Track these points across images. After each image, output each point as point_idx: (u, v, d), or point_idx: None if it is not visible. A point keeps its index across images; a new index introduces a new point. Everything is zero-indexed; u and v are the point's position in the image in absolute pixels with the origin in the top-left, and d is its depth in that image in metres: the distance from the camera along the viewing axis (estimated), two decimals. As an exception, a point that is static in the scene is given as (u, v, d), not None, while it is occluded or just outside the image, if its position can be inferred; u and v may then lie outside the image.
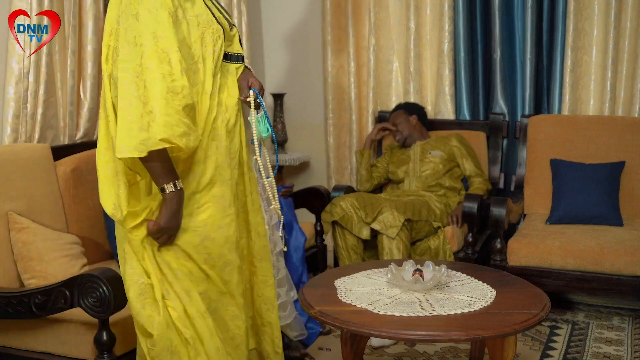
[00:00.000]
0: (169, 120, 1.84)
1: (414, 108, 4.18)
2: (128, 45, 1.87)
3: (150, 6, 1.88)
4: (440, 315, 2.22)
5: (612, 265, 3.31)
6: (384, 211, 3.54)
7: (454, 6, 4.28)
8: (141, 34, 1.86)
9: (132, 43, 1.87)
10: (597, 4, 3.98)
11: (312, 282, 2.70)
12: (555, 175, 3.86)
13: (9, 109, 2.97)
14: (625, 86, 3.99)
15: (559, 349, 3.21)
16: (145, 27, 1.87)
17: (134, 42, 1.87)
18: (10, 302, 2.33)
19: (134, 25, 1.87)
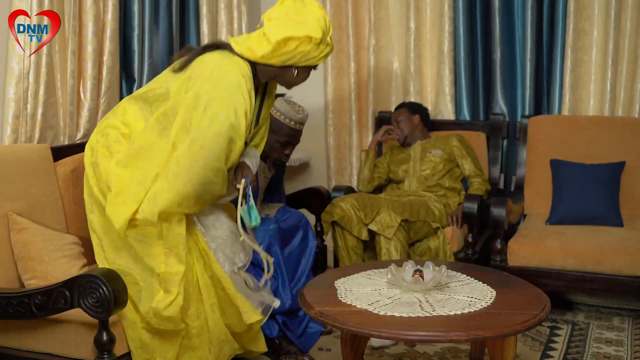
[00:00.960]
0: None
1: (418, 108, 4.18)
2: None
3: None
4: (440, 315, 2.22)
5: (612, 266, 3.31)
6: (382, 212, 3.54)
7: (454, 6, 4.28)
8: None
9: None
10: (597, 4, 3.98)
11: (313, 282, 2.70)
12: (556, 176, 3.86)
13: (9, 109, 2.97)
14: (625, 86, 3.99)
15: (559, 350, 3.21)
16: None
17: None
18: (10, 302, 2.33)
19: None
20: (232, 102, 2.32)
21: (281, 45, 2.37)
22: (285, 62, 2.44)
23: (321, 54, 2.46)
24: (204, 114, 2.30)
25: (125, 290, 2.26)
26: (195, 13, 4.16)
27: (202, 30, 4.15)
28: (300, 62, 2.46)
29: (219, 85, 2.32)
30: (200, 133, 2.31)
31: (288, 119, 3.15)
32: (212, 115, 2.30)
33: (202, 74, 2.36)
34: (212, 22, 4.19)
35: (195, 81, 2.36)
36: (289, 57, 2.42)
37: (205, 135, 2.30)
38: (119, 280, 2.24)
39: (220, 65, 2.37)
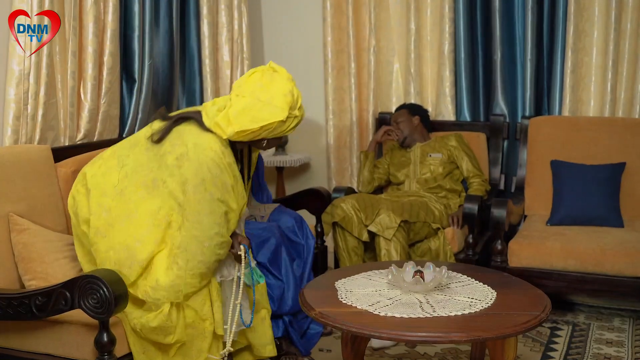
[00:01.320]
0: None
1: (418, 109, 4.18)
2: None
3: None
4: (440, 316, 2.22)
5: (612, 267, 3.31)
6: (381, 213, 3.54)
7: (454, 8, 4.28)
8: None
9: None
10: (597, 5, 3.98)
11: (313, 283, 2.70)
12: (556, 177, 3.86)
13: (9, 110, 2.97)
14: (625, 87, 3.99)
15: (559, 351, 3.21)
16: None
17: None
18: (11, 303, 2.33)
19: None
20: (218, 180, 2.39)
21: (244, 134, 2.44)
22: (254, 139, 2.52)
23: (289, 127, 2.52)
24: (194, 197, 2.39)
25: (126, 292, 2.26)
26: (196, 14, 4.17)
27: (202, 31, 4.15)
28: (268, 137, 2.53)
29: (202, 167, 2.39)
30: (196, 218, 2.39)
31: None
32: (201, 199, 2.38)
33: (183, 155, 2.42)
34: (212, 23, 4.19)
35: (179, 162, 2.42)
36: (255, 135, 2.48)
37: (200, 219, 2.38)
38: (120, 281, 2.24)
39: (198, 144, 2.43)
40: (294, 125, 2.54)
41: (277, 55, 4.93)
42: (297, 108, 2.51)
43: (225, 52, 4.32)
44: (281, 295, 3.09)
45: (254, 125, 2.42)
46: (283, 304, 3.09)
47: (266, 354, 2.77)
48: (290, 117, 2.48)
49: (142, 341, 2.42)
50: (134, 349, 2.42)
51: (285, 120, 2.45)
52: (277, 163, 4.66)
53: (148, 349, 2.43)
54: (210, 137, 2.45)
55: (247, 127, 2.42)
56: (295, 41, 4.86)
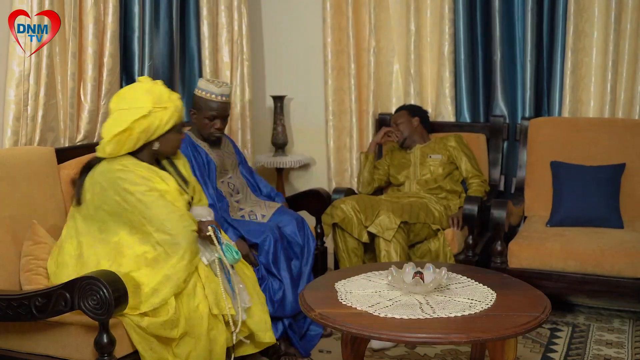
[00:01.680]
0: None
1: (418, 110, 4.18)
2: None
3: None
4: (440, 317, 2.22)
5: (612, 268, 3.31)
6: (381, 214, 3.54)
7: (454, 8, 4.28)
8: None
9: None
10: (597, 5, 3.98)
11: (313, 284, 2.70)
12: (556, 178, 3.86)
13: (9, 111, 2.97)
14: (625, 88, 3.99)
15: (559, 352, 3.21)
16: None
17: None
18: (11, 304, 2.32)
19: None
20: (133, 177, 2.50)
21: (117, 140, 2.50)
22: (138, 145, 2.57)
23: (170, 119, 2.57)
24: (130, 206, 2.48)
25: (126, 293, 2.26)
26: (196, 15, 4.17)
27: (202, 31, 4.15)
28: (153, 137, 2.58)
29: (116, 182, 2.50)
30: (147, 217, 2.48)
31: (209, 94, 3.30)
32: (135, 201, 2.48)
33: (100, 187, 2.52)
34: (212, 24, 4.19)
35: (102, 197, 2.52)
36: (137, 140, 2.55)
37: (150, 214, 2.48)
38: (120, 282, 2.24)
39: (103, 171, 2.54)
40: (172, 117, 2.59)
41: (277, 56, 4.94)
42: (165, 100, 2.56)
43: (225, 53, 4.32)
44: (282, 298, 3.09)
45: (120, 128, 2.49)
46: (283, 307, 3.09)
47: (266, 339, 2.82)
48: (158, 109, 2.53)
49: (147, 338, 2.42)
50: (140, 347, 2.41)
51: (149, 114, 2.51)
52: (277, 164, 4.66)
53: (154, 345, 2.44)
54: (109, 161, 2.55)
55: (115, 131, 2.49)
56: (295, 42, 4.87)
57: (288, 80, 4.89)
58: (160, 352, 2.44)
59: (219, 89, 3.29)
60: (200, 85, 3.33)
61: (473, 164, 3.99)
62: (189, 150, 3.30)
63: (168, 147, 2.68)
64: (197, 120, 3.36)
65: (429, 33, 4.43)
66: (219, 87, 3.30)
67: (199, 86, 3.34)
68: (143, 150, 2.63)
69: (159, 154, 2.71)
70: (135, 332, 2.41)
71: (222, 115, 3.35)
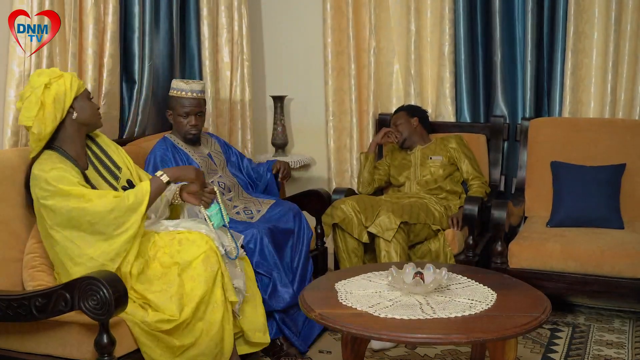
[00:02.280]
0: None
1: (417, 111, 4.18)
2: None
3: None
4: (441, 318, 2.22)
5: (612, 268, 3.31)
6: (381, 214, 3.54)
7: (454, 9, 4.28)
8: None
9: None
10: (597, 6, 3.98)
11: (313, 284, 2.70)
12: (556, 178, 3.86)
13: (9, 112, 2.97)
14: (625, 88, 3.99)
15: (559, 352, 3.21)
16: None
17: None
18: (11, 304, 2.32)
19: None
20: (51, 179, 2.49)
21: (37, 121, 2.54)
22: (58, 117, 2.59)
23: (72, 83, 2.61)
24: (51, 212, 2.49)
25: (126, 293, 2.26)
26: (196, 15, 4.17)
27: (202, 32, 4.15)
28: (66, 104, 2.60)
29: (35, 185, 2.53)
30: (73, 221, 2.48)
31: (180, 91, 3.38)
32: (55, 206, 2.48)
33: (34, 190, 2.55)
34: (212, 24, 4.19)
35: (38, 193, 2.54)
36: (54, 112, 2.57)
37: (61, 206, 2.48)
38: (120, 282, 2.24)
39: (32, 179, 2.56)
40: (73, 82, 2.62)
41: (277, 56, 4.94)
42: (57, 72, 2.62)
43: (225, 54, 4.32)
44: (272, 292, 3.09)
45: (34, 109, 2.53)
46: (274, 301, 3.09)
47: (255, 339, 2.86)
48: (54, 79, 2.57)
49: (152, 334, 2.43)
50: (146, 343, 2.43)
51: (49, 83, 2.55)
52: (277, 164, 4.66)
53: (159, 337, 2.46)
54: (36, 163, 2.57)
55: (32, 114, 2.53)
56: (295, 42, 4.87)
57: (288, 81, 4.89)
58: (166, 342, 2.46)
59: (188, 85, 3.37)
60: (172, 85, 3.43)
61: (474, 166, 3.99)
62: (170, 153, 3.34)
63: (87, 114, 2.68)
64: (173, 120, 3.43)
65: (429, 33, 4.43)
66: (189, 84, 3.38)
67: (172, 86, 3.44)
68: (66, 125, 2.63)
69: (84, 126, 2.70)
70: (137, 331, 2.42)
71: (195, 112, 3.39)
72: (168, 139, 3.43)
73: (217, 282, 2.59)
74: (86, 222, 2.46)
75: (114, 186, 2.73)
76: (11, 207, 2.66)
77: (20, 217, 2.68)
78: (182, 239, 2.63)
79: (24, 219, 2.69)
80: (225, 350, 2.63)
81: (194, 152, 3.44)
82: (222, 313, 2.60)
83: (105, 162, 2.80)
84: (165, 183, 2.65)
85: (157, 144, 3.42)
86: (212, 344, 2.57)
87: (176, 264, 2.56)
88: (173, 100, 3.42)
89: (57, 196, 2.46)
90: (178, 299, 2.50)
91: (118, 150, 2.90)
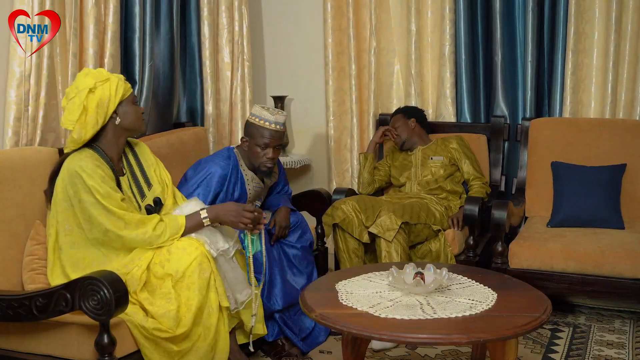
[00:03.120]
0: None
1: (413, 111, 4.18)
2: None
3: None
4: (441, 318, 2.22)
5: (613, 268, 3.31)
6: (382, 214, 3.54)
7: (455, 9, 4.28)
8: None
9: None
10: (598, 7, 3.98)
11: (313, 285, 2.70)
12: (557, 178, 3.86)
13: (10, 111, 2.97)
14: (626, 89, 3.99)
15: (560, 352, 3.21)
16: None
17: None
18: (11, 304, 2.33)
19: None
20: (95, 175, 2.53)
21: (79, 125, 2.56)
22: (100, 122, 2.60)
23: (117, 88, 2.61)
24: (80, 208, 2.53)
25: (126, 293, 2.26)
26: (197, 15, 4.17)
27: (202, 32, 4.15)
28: (110, 110, 2.61)
29: (73, 178, 2.53)
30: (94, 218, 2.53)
31: (262, 121, 3.18)
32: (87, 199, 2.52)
33: (59, 182, 2.57)
34: (212, 25, 4.19)
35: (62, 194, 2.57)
36: (96, 117, 2.58)
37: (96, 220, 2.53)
38: (120, 282, 2.24)
39: (65, 167, 2.57)
40: (119, 86, 2.62)
41: (278, 56, 4.94)
42: (104, 75, 2.62)
43: (226, 54, 4.32)
44: (269, 294, 3.09)
45: (77, 112, 2.55)
46: (271, 303, 3.09)
47: (256, 330, 2.89)
48: (100, 83, 2.58)
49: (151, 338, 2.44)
50: (145, 345, 2.44)
51: (94, 87, 2.56)
52: (277, 164, 4.66)
53: (157, 342, 2.46)
54: (72, 156, 2.58)
55: (74, 118, 2.55)
56: (296, 43, 4.87)
57: (288, 81, 4.89)
58: (164, 346, 2.47)
59: (273, 117, 3.17)
60: (254, 112, 3.23)
61: (475, 166, 3.99)
62: (231, 176, 3.20)
63: (129, 120, 2.68)
64: (249, 148, 3.22)
65: (429, 34, 4.43)
66: (274, 114, 3.19)
67: (253, 112, 3.23)
68: (107, 129, 2.64)
69: (126, 131, 2.70)
70: (137, 332, 2.42)
71: (274, 144, 3.21)
72: (234, 156, 3.25)
73: (210, 286, 2.58)
74: (120, 244, 2.56)
75: (137, 203, 2.72)
76: (11, 207, 2.66)
77: (20, 217, 2.68)
78: (170, 247, 2.58)
79: (24, 219, 2.69)
80: (219, 351, 2.62)
81: (251, 179, 3.28)
82: (217, 317, 2.60)
83: (137, 175, 2.79)
84: (204, 225, 2.66)
85: (220, 157, 3.24)
86: (209, 347, 2.58)
87: (169, 275, 2.53)
88: (252, 127, 3.19)
89: (100, 208, 2.51)
90: (175, 314, 2.49)
91: (157, 164, 2.89)
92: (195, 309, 2.52)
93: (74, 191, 2.51)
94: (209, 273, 2.57)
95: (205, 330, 2.57)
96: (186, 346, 2.53)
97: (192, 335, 2.54)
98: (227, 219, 2.70)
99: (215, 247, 2.65)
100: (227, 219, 2.70)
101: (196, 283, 2.53)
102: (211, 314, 2.58)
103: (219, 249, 2.66)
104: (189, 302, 2.52)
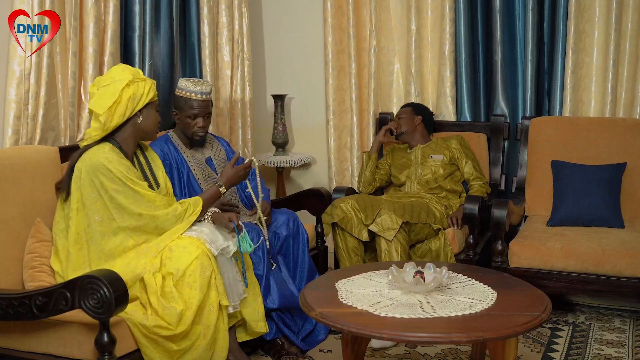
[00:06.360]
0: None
1: (422, 110, 4.18)
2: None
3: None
4: (441, 317, 2.22)
5: (613, 267, 3.31)
6: (382, 213, 3.54)
7: (455, 8, 4.28)
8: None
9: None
10: (598, 5, 3.98)
11: (313, 284, 2.70)
12: (557, 177, 3.86)
13: (10, 110, 2.98)
14: (626, 88, 3.99)
15: (560, 351, 3.21)
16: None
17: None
18: (11, 303, 2.33)
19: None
20: (116, 168, 2.60)
21: (108, 111, 2.62)
22: (126, 115, 2.67)
23: (150, 89, 2.72)
24: (111, 201, 2.60)
25: (126, 292, 2.26)
26: (197, 14, 4.17)
27: (202, 31, 4.15)
28: (138, 107, 2.69)
29: (97, 170, 2.58)
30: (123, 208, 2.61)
31: (189, 92, 3.27)
32: (114, 190, 2.59)
33: (78, 174, 2.62)
34: (212, 23, 4.19)
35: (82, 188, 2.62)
36: (125, 109, 2.65)
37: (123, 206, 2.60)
38: (120, 281, 2.24)
39: (85, 159, 2.62)
40: (152, 89, 2.73)
41: (278, 55, 4.94)
42: (141, 74, 2.74)
43: (226, 53, 4.32)
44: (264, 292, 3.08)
45: (111, 99, 2.61)
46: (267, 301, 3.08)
47: (258, 329, 2.91)
48: (137, 79, 2.68)
49: (151, 337, 2.44)
50: (145, 344, 2.45)
51: (132, 81, 2.65)
52: (277, 163, 4.66)
53: (157, 341, 2.47)
54: (94, 149, 2.63)
55: (107, 104, 2.61)
56: (296, 41, 4.87)
57: (289, 80, 4.89)
58: (164, 345, 2.48)
59: (198, 87, 3.27)
60: (180, 85, 3.32)
61: (475, 166, 4.00)
62: (170, 154, 3.28)
63: (149, 123, 2.76)
64: (180, 120, 3.33)
65: (429, 32, 4.43)
66: (199, 85, 3.28)
67: (179, 86, 3.33)
68: (127, 126, 2.70)
69: (142, 133, 2.77)
70: (137, 331, 2.42)
71: (203, 114, 3.30)
72: (170, 139, 3.37)
73: (211, 285, 2.60)
74: (153, 226, 2.64)
75: None
76: (11, 206, 2.66)
77: (20, 216, 2.69)
78: (172, 246, 2.61)
79: (24, 218, 2.70)
80: (218, 349, 2.64)
81: (191, 157, 3.35)
82: (217, 315, 2.62)
83: (147, 176, 2.83)
84: (221, 193, 2.91)
85: (159, 141, 3.34)
86: (208, 346, 2.59)
87: (170, 274, 2.55)
88: (180, 100, 3.29)
89: (131, 194, 2.59)
90: (180, 310, 2.51)
91: (161, 167, 2.96)
92: (196, 307, 2.53)
93: (100, 182, 2.57)
94: (209, 272, 2.59)
95: (205, 328, 2.58)
96: (186, 345, 2.53)
97: (191, 333, 2.55)
98: (237, 180, 2.99)
99: (215, 246, 2.67)
100: (237, 180, 2.99)
101: (197, 282, 2.54)
102: (211, 313, 2.60)
103: (220, 247, 2.69)
104: (190, 301, 2.53)
